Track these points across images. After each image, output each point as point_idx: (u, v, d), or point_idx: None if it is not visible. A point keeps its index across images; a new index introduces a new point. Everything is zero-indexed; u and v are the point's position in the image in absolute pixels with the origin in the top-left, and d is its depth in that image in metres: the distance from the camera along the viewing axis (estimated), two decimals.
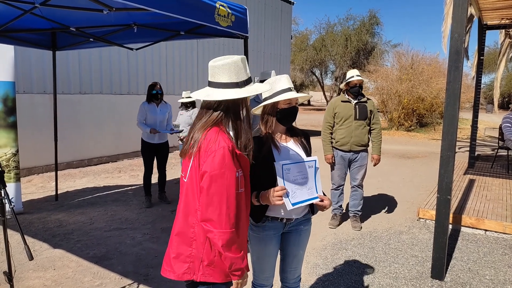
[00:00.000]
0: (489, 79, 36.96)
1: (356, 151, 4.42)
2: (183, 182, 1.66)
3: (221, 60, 1.62)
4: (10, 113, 4.72)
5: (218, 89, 1.61)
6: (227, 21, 3.33)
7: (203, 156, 1.53)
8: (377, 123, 4.55)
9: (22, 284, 3.14)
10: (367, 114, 4.40)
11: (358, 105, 4.38)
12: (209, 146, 1.53)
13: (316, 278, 3.35)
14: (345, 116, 4.40)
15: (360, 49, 30.48)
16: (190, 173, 1.59)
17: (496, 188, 6.06)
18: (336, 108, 4.46)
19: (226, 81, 1.61)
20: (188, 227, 1.60)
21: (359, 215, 4.67)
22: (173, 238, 1.67)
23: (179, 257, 1.62)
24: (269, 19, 13.87)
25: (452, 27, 3.25)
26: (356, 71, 4.43)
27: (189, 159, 1.61)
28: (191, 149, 1.58)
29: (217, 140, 1.54)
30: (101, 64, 8.33)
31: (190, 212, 1.60)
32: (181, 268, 1.61)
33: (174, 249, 1.64)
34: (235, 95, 1.59)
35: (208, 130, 1.58)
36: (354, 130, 4.37)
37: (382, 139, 4.59)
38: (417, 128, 17.38)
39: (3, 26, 3.77)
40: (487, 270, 3.58)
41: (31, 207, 5.16)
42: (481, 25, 7.70)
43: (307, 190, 2.01)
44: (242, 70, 1.64)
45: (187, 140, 1.63)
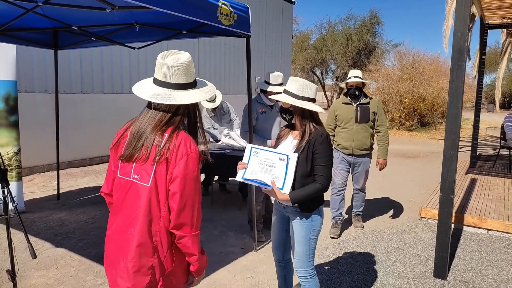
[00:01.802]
0: (490, 78, 36.92)
1: (358, 155, 4.23)
2: (139, 188, 1.49)
3: (177, 60, 1.52)
4: (12, 112, 4.72)
5: (177, 91, 1.51)
6: (230, 19, 3.32)
7: (172, 160, 1.45)
8: (383, 125, 4.29)
9: (25, 282, 3.14)
10: (369, 117, 4.16)
11: (359, 107, 4.16)
12: (181, 150, 1.46)
13: (319, 277, 3.34)
14: (346, 119, 4.21)
15: (361, 48, 30.47)
16: (154, 178, 1.46)
17: (498, 188, 6.05)
18: (337, 110, 4.30)
19: (184, 81, 1.52)
20: (150, 236, 1.48)
21: (360, 215, 4.62)
22: (130, 247, 1.49)
23: (141, 269, 1.48)
24: (270, 18, 13.86)
25: (455, 25, 3.25)
26: (356, 71, 4.22)
27: (146, 163, 1.48)
28: (156, 153, 1.46)
29: (188, 144, 1.48)
30: (102, 63, 8.33)
31: (154, 219, 1.48)
32: (143, 282, 1.48)
33: (135, 261, 1.48)
34: (198, 97, 1.52)
35: (175, 133, 1.49)
36: (356, 134, 4.16)
37: (389, 142, 4.36)
38: (418, 128, 17.37)
39: (5, 25, 3.78)
40: (489, 269, 3.57)
41: (33, 206, 5.16)
42: (483, 24, 7.68)
43: (271, 177, 2.21)
44: (193, 70, 1.56)
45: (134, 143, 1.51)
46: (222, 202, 5.55)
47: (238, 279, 3.29)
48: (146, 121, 1.52)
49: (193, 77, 1.56)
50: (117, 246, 1.53)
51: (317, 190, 2.23)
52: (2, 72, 4.60)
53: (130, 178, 1.52)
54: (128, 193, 1.52)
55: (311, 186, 2.23)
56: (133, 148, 1.50)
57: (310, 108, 2.24)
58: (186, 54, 1.55)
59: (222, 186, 6.06)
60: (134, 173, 1.51)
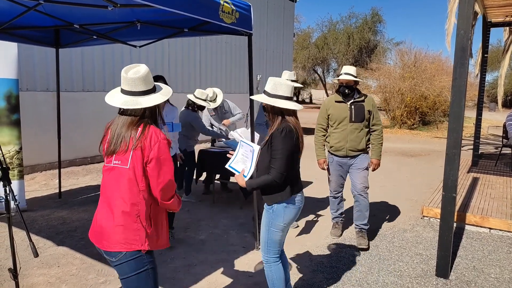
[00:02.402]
0: (492, 77, 36.86)
1: (352, 156, 3.95)
2: (121, 170, 1.88)
3: (137, 73, 1.89)
4: (14, 111, 4.72)
5: (141, 97, 1.89)
6: (232, 18, 3.31)
7: (147, 147, 1.85)
8: (378, 124, 4.00)
9: (26, 281, 3.14)
10: (364, 115, 3.86)
11: (353, 106, 3.86)
12: (153, 138, 1.86)
13: (321, 276, 3.34)
14: (339, 119, 3.90)
15: (363, 47, 30.43)
16: (132, 161, 1.85)
17: (500, 186, 6.04)
18: (329, 109, 3.98)
19: (145, 89, 1.90)
20: (132, 206, 1.86)
21: (365, 229, 4.02)
22: (116, 217, 1.86)
23: (128, 229, 1.86)
24: (272, 16, 13.84)
25: (457, 23, 3.23)
26: (349, 68, 3.89)
27: (126, 152, 1.86)
28: (133, 144, 1.85)
29: (157, 133, 1.89)
30: (104, 61, 8.32)
31: (134, 193, 1.87)
32: (131, 239, 1.86)
33: (122, 223, 1.85)
34: (159, 99, 1.91)
35: (147, 128, 1.88)
36: (350, 134, 3.87)
37: (383, 141, 4.06)
38: (420, 126, 17.35)
39: (7, 23, 3.77)
40: (492, 269, 3.56)
41: (34, 205, 5.17)
42: (486, 23, 7.65)
43: (243, 165, 2.50)
44: (151, 79, 1.95)
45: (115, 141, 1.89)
46: (224, 201, 5.55)
47: (240, 278, 3.29)
48: (121, 123, 1.90)
49: (152, 84, 1.94)
50: (105, 216, 1.90)
51: (268, 181, 2.38)
52: (4, 71, 4.60)
53: (112, 164, 1.91)
54: (111, 175, 1.92)
55: (264, 176, 2.41)
56: (114, 145, 1.89)
57: (279, 105, 2.42)
58: (144, 67, 1.92)
59: (224, 185, 6.06)
60: (115, 160, 1.90)
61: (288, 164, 2.38)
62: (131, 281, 1.89)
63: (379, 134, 4.01)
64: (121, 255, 1.85)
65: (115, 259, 1.88)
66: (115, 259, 1.88)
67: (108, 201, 1.91)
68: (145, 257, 1.91)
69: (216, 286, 3.15)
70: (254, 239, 3.92)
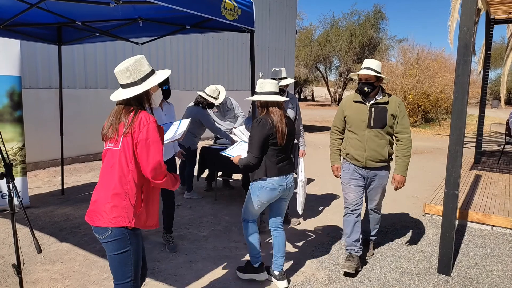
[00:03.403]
0: (494, 74, 36.68)
1: (372, 168, 3.37)
2: (113, 152, 2.05)
3: (119, 67, 2.08)
4: (17, 108, 4.74)
5: (125, 89, 2.09)
6: (234, 14, 3.31)
7: (136, 130, 1.99)
8: (404, 132, 3.34)
9: (30, 277, 3.16)
10: (386, 121, 3.27)
11: (374, 108, 3.27)
12: (142, 122, 2.01)
13: (323, 273, 3.35)
14: (356, 122, 3.35)
15: (365, 44, 30.34)
16: (122, 143, 2.01)
17: (503, 184, 6.02)
18: (346, 110, 3.43)
19: (126, 82, 2.08)
20: (122, 185, 2.01)
21: (372, 240, 3.79)
22: (108, 195, 2.02)
23: (116, 207, 2.00)
24: (274, 13, 13.80)
25: (461, 20, 3.21)
26: (371, 62, 3.31)
27: (118, 136, 2.04)
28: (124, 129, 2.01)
29: (147, 117, 2.04)
30: (106, 58, 8.33)
31: (124, 173, 2.02)
32: (119, 215, 2.00)
33: (112, 201, 2.01)
34: (135, 92, 2.06)
35: (138, 113, 2.04)
36: (369, 142, 3.30)
37: (411, 153, 3.42)
38: (422, 124, 17.31)
39: (10, 20, 3.78)
40: (494, 266, 3.56)
41: (37, 201, 5.19)
42: (489, 19, 7.62)
43: (240, 152, 3.16)
44: (137, 71, 2.09)
45: (107, 127, 2.09)
46: (226, 198, 5.56)
47: None
48: (113, 112, 2.12)
49: (136, 77, 2.08)
50: (98, 195, 2.06)
51: (246, 162, 2.90)
52: (7, 68, 4.62)
53: (107, 147, 2.10)
54: (106, 158, 2.09)
55: (245, 158, 2.93)
56: (106, 129, 2.10)
57: (262, 98, 2.90)
58: (130, 60, 2.09)
59: (226, 182, 6.06)
60: (110, 143, 2.08)
61: (260, 149, 2.84)
62: (113, 258, 2.07)
63: (405, 144, 3.35)
64: (107, 234, 2.01)
65: (102, 237, 2.03)
66: (102, 237, 2.03)
67: (102, 181, 2.07)
68: (129, 238, 2.05)
69: (218, 282, 3.16)
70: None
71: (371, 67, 3.25)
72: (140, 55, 2.16)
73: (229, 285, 3.12)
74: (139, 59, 2.13)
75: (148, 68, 2.14)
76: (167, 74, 2.21)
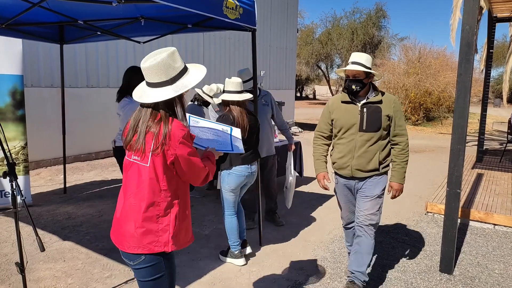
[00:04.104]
0: (496, 73, 36.57)
1: (361, 178, 2.92)
2: (140, 168, 1.75)
3: (149, 61, 1.71)
4: (19, 107, 4.75)
5: (152, 89, 1.73)
6: (235, 13, 3.30)
7: (170, 147, 1.70)
8: (401, 134, 2.92)
9: (33, 275, 3.17)
10: (380, 123, 2.82)
11: (366, 108, 2.83)
12: (176, 135, 1.70)
13: (324, 271, 3.35)
14: (345, 125, 2.89)
15: (367, 42, 30.28)
16: (152, 160, 1.72)
17: (505, 183, 6.01)
18: (333, 112, 2.96)
19: (156, 81, 1.71)
20: (154, 207, 1.75)
21: (361, 283, 2.92)
22: (138, 218, 1.75)
23: (150, 231, 1.75)
24: (275, 12, 13.78)
25: (463, 18, 3.21)
26: (359, 55, 2.84)
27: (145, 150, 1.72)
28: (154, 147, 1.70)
29: (180, 128, 1.73)
30: (108, 57, 8.34)
31: (155, 192, 1.75)
32: (152, 241, 1.75)
33: (143, 225, 1.75)
34: (167, 95, 1.70)
35: (169, 122, 1.72)
36: (359, 148, 2.86)
37: (408, 158, 3.00)
38: (424, 122, 17.28)
39: (12, 19, 3.78)
40: (496, 264, 3.56)
41: (40, 200, 5.21)
42: (491, 18, 7.60)
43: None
44: (170, 68, 1.72)
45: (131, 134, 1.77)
46: None
47: (243, 272, 3.31)
48: (136, 115, 1.79)
49: (168, 75, 1.72)
50: (125, 216, 1.79)
51: None
52: (9, 67, 4.62)
53: (131, 159, 1.79)
54: (130, 171, 1.79)
55: None
56: (130, 138, 1.77)
57: (222, 98, 3.28)
58: (162, 54, 1.71)
59: None
60: (135, 155, 1.77)
61: None
62: (147, 284, 1.83)
63: (403, 148, 2.94)
64: (139, 260, 1.77)
65: (133, 263, 1.79)
66: (133, 263, 1.79)
67: (128, 200, 1.79)
68: (163, 262, 1.81)
69: (219, 280, 3.17)
70: (258, 235, 3.93)
71: (359, 62, 2.79)
72: (172, 48, 1.76)
73: (231, 283, 3.13)
74: (173, 53, 1.74)
75: (181, 65, 1.77)
76: (203, 72, 1.84)
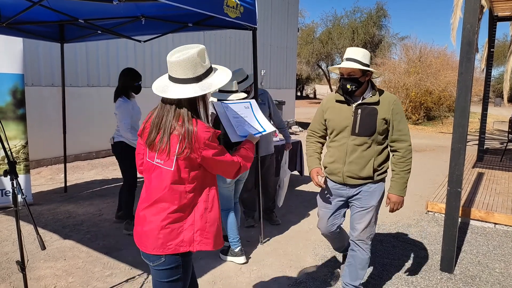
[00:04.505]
0: (497, 72, 36.57)
1: (353, 185, 2.64)
2: (164, 171, 1.71)
3: (176, 56, 1.65)
4: (19, 105, 4.75)
5: (176, 84, 1.68)
6: (236, 12, 3.30)
7: (195, 150, 1.66)
8: (402, 140, 2.59)
9: (34, 273, 3.18)
10: (375, 127, 2.52)
11: (360, 110, 2.55)
12: (201, 137, 1.66)
13: (325, 270, 3.36)
14: (338, 127, 2.63)
15: (367, 42, 30.26)
16: (177, 164, 1.68)
17: (506, 182, 6.01)
18: (327, 111, 2.71)
19: (182, 76, 1.67)
20: (180, 209, 1.72)
21: None
22: (163, 220, 1.73)
23: (174, 232, 1.73)
24: (276, 11, 13.78)
25: (464, 17, 3.20)
26: (354, 51, 2.55)
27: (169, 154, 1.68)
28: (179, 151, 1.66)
29: (206, 130, 1.68)
30: (108, 56, 8.34)
31: (181, 195, 1.72)
32: (177, 242, 1.73)
33: (167, 226, 1.72)
34: (191, 93, 1.65)
35: (193, 124, 1.67)
36: (350, 153, 2.58)
37: (411, 167, 2.63)
38: (424, 122, 17.27)
39: (12, 18, 3.78)
40: (497, 263, 3.56)
41: (40, 199, 5.21)
42: (492, 17, 7.58)
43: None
44: (198, 65, 1.68)
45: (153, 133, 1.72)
46: None
47: (244, 271, 3.31)
48: (157, 112, 1.73)
49: (196, 73, 1.67)
50: (148, 217, 1.75)
51: None
52: (9, 66, 4.63)
53: (154, 162, 1.74)
54: (153, 174, 1.75)
55: None
56: (153, 138, 1.71)
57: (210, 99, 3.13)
58: (190, 51, 1.66)
59: None
60: (158, 158, 1.72)
61: None
62: (162, 285, 1.82)
63: (404, 156, 2.58)
64: (160, 261, 1.76)
65: (153, 264, 1.78)
66: (153, 264, 1.78)
67: (152, 202, 1.75)
68: (181, 264, 1.80)
69: (220, 279, 3.17)
70: (259, 234, 3.93)
71: (354, 58, 2.50)
72: (201, 45, 1.71)
73: (231, 282, 3.13)
74: (202, 50, 1.71)
75: (208, 63, 1.75)
76: (229, 75, 1.81)
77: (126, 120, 3.88)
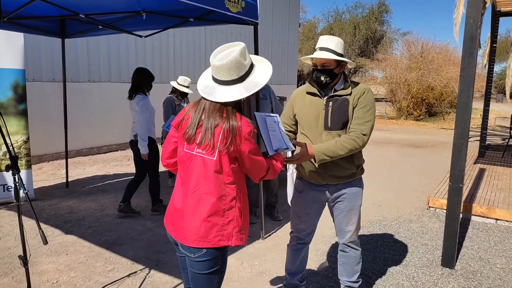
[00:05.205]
0: (499, 68, 36.40)
1: (336, 184, 2.42)
2: (206, 161, 1.72)
3: (219, 58, 1.68)
4: (21, 101, 4.75)
5: (221, 86, 1.71)
6: (237, 7, 3.29)
7: (237, 142, 1.68)
8: (360, 126, 2.28)
9: (36, 268, 3.19)
10: (347, 117, 2.31)
11: (332, 102, 2.33)
12: (244, 131, 1.69)
13: (326, 266, 3.36)
14: (308, 122, 2.40)
15: (369, 37, 30.15)
16: (219, 153, 1.70)
17: (507, 178, 6.00)
18: (296, 105, 2.48)
19: (227, 79, 1.69)
20: (219, 200, 1.73)
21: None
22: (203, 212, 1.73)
23: (216, 225, 1.74)
24: (278, 6, 13.72)
25: (467, 12, 3.18)
26: (327, 39, 2.32)
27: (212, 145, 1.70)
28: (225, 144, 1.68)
29: (247, 125, 1.71)
30: (109, 52, 8.33)
31: (221, 186, 1.74)
32: (217, 235, 1.74)
33: (209, 219, 1.73)
34: (237, 95, 1.69)
35: (237, 119, 1.70)
36: None
37: (353, 148, 2.25)
38: (426, 118, 17.24)
39: (13, 12, 3.77)
40: (498, 259, 3.56)
41: (42, 194, 5.22)
42: (495, 12, 7.54)
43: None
44: (241, 65, 1.69)
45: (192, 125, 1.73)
46: None
47: (245, 266, 3.32)
48: (203, 107, 1.73)
49: (240, 73, 1.69)
50: (188, 208, 1.76)
51: None
52: (11, 61, 4.62)
53: (194, 152, 1.75)
54: (192, 164, 1.75)
55: None
56: (193, 130, 1.73)
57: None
58: (233, 52, 1.67)
59: None
60: (199, 149, 1.72)
61: None
62: (201, 277, 1.81)
63: (352, 138, 2.25)
64: (201, 253, 1.75)
65: (193, 256, 1.76)
66: (193, 256, 1.76)
67: (192, 193, 1.75)
68: (221, 257, 1.81)
69: None
70: (260, 229, 3.94)
71: (328, 48, 2.27)
72: (242, 43, 1.71)
73: (233, 277, 3.14)
74: (243, 49, 1.70)
75: (249, 61, 1.74)
76: (269, 69, 1.80)
77: (146, 114, 4.19)
